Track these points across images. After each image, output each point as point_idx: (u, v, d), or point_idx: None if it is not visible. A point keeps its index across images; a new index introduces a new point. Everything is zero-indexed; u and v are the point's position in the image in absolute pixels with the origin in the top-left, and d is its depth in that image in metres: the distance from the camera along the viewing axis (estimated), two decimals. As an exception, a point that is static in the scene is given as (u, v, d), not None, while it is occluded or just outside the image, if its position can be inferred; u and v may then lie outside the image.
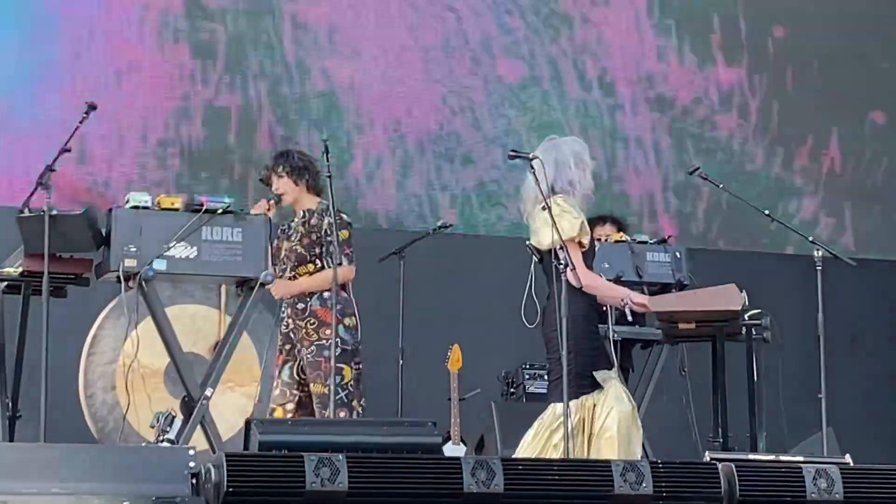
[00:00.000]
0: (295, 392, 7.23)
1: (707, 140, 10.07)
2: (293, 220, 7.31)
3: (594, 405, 6.25)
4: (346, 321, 7.10)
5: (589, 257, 6.48)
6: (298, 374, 7.24)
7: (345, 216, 7.25)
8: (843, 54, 10.43)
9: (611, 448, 6.11)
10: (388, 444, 5.21)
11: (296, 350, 7.24)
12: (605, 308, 7.15)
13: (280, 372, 7.26)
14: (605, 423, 6.18)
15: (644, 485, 5.21)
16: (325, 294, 7.09)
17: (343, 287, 7.08)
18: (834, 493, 5.40)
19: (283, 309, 7.24)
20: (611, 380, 6.31)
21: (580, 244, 6.38)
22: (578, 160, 6.42)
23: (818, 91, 10.39)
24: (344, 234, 7.12)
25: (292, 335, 7.24)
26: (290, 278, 7.21)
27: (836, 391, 7.54)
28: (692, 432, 7.85)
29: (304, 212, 7.25)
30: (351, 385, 7.06)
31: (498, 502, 5.07)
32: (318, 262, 7.19)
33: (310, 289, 7.19)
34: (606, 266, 7.72)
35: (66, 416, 7.26)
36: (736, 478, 5.36)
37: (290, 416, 7.11)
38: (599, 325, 6.73)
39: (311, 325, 7.16)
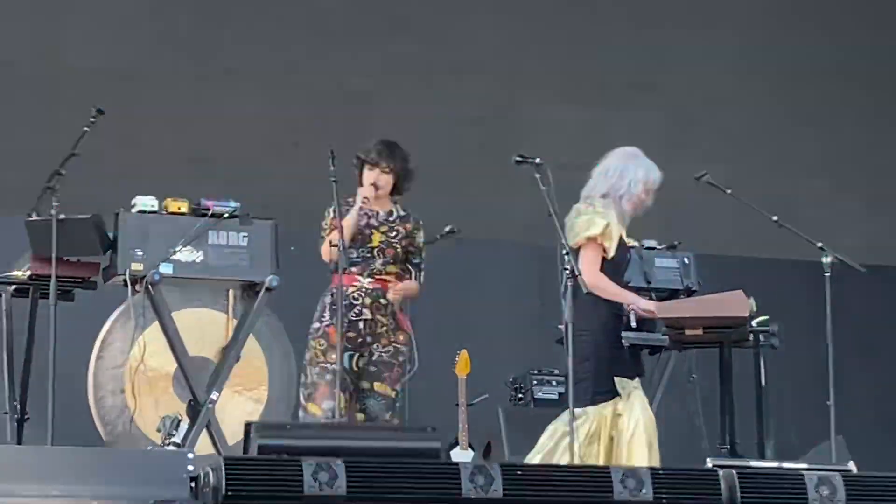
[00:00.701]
0: (353, 382, 6.92)
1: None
2: (377, 211, 7.02)
3: (618, 414, 6.27)
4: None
5: (620, 266, 6.49)
6: (356, 366, 6.92)
7: None
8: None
9: (641, 455, 6.14)
10: (387, 448, 5.21)
11: (361, 341, 6.92)
12: (629, 317, 7.16)
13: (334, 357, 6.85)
14: (634, 433, 6.21)
15: (644, 491, 5.20)
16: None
17: None
18: (836, 501, 5.38)
19: (352, 297, 6.90)
20: (633, 389, 6.33)
21: (603, 248, 6.41)
22: (635, 184, 6.47)
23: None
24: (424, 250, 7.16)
25: (365, 326, 6.92)
26: (376, 271, 6.96)
27: (846, 399, 7.50)
28: (701, 439, 7.82)
29: (394, 211, 7.06)
30: (401, 398, 6.99)
31: (497, 508, 5.07)
32: (406, 267, 7.09)
33: (410, 297, 7.14)
34: (614, 271, 7.70)
35: (74, 418, 7.29)
36: (737, 484, 5.34)
37: (346, 404, 6.80)
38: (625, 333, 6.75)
39: (390, 324, 6.94)
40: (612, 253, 6.48)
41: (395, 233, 7.00)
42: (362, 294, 6.90)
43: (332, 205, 6.93)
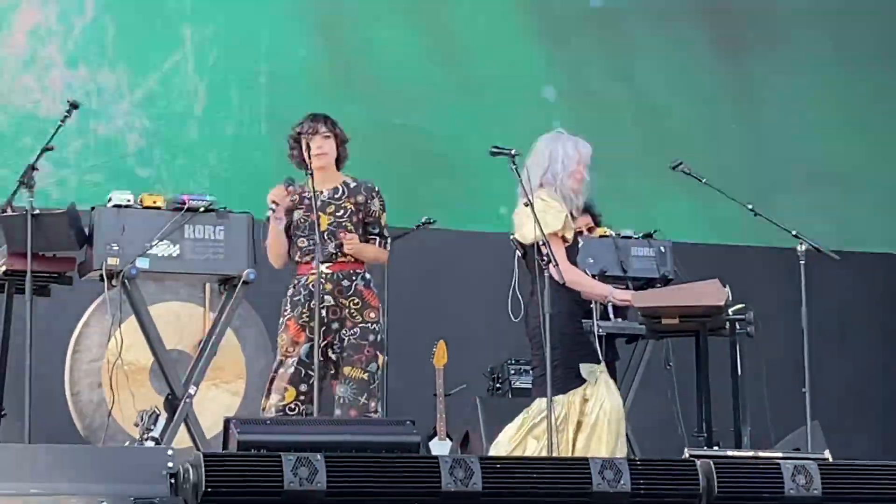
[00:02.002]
0: (311, 372, 6.71)
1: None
2: (319, 192, 6.86)
3: (585, 399, 6.27)
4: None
5: (572, 252, 6.51)
6: (323, 355, 6.74)
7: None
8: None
9: (600, 442, 6.14)
10: (367, 443, 5.22)
11: (326, 328, 6.78)
12: (591, 304, 7.17)
13: (295, 349, 6.82)
14: (598, 417, 6.21)
15: (622, 482, 5.22)
16: (368, 275, 6.90)
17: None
18: (812, 490, 5.41)
19: (311, 286, 6.77)
20: (599, 373, 6.33)
21: (563, 239, 6.41)
22: (568, 161, 6.44)
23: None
24: (385, 217, 6.98)
25: (329, 312, 6.79)
26: (332, 254, 6.82)
27: (822, 385, 7.56)
28: (678, 427, 7.86)
29: (340, 187, 6.90)
30: (378, 376, 6.83)
31: (476, 501, 5.08)
32: (367, 240, 6.92)
33: (372, 259, 6.95)
34: (590, 261, 7.72)
35: (51, 414, 7.29)
36: (714, 474, 5.36)
37: (302, 397, 6.73)
38: (584, 321, 6.75)
39: (354, 304, 6.80)
40: (570, 241, 6.49)
41: (342, 211, 6.85)
42: (322, 280, 6.75)
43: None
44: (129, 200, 6.77)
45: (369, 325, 6.81)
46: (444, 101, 9.72)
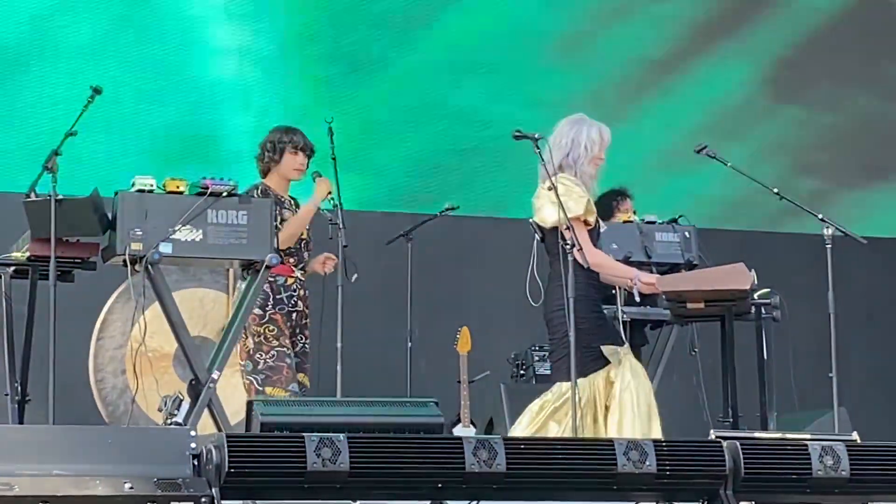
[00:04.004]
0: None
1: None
2: (289, 199, 7.34)
3: (611, 382, 6.24)
4: None
5: (594, 236, 6.48)
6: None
7: None
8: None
9: (633, 428, 6.12)
10: (390, 423, 5.20)
11: (292, 332, 7.21)
12: (614, 289, 7.14)
13: (287, 341, 7.16)
14: (625, 400, 6.18)
15: (648, 463, 5.18)
16: None
17: None
18: (840, 471, 5.37)
19: (291, 288, 7.22)
20: (623, 355, 6.30)
21: (586, 223, 6.38)
22: (591, 145, 6.42)
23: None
24: None
25: (298, 317, 7.23)
26: (305, 262, 7.29)
27: (848, 370, 7.51)
28: (703, 412, 7.82)
29: (291, 197, 7.35)
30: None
31: (500, 481, 5.05)
32: None
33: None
34: (615, 247, 7.68)
35: (75, 399, 7.30)
36: (741, 455, 5.32)
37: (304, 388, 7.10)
38: (608, 306, 6.72)
39: (308, 312, 7.24)
40: (592, 224, 6.46)
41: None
42: (298, 286, 7.18)
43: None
44: (151, 185, 6.75)
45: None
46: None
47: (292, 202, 7.35)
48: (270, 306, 7.16)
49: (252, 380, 7.11)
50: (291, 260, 7.22)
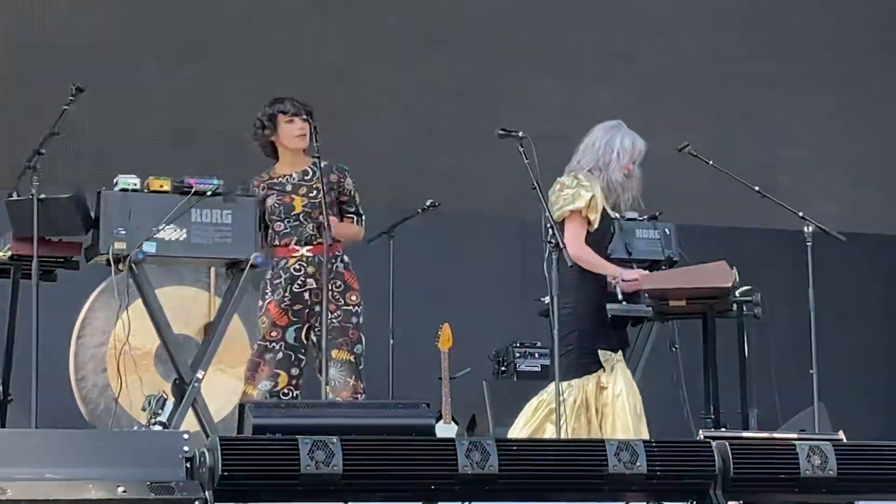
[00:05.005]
0: (302, 356, 6.88)
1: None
2: (289, 175, 6.94)
3: (602, 387, 6.31)
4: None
5: (601, 237, 6.52)
6: (305, 338, 6.89)
7: None
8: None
9: (625, 426, 6.16)
10: (383, 426, 5.20)
11: (307, 312, 6.87)
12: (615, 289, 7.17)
13: (283, 334, 6.87)
14: (618, 407, 6.23)
15: (638, 464, 5.20)
16: (346, 257, 6.94)
17: None
18: (828, 470, 5.39)
19: (293, 269, 6.86)
20: (616, 362, 6.36)
21: (588, 220, 6.44)
22: (623, 153, 6.49)
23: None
24: (358, 195, 7.02)
25: (311, 295, 6.86)
26: (311, 236, 6.87)
27: (827, 366, 7.54)
28: (684, 409, 7.86)
29: (310, 170, 6.90)
30: (363, 357, 6.89)
31: (493, 483, 5.06)
32: (343, 219, 6.97)
33: (352, 237, 7.00)
34: (595, 243, 7.70)
35: (57, 399, 7.25)
36: (730, 456, 5.35)
37: (293, 381, 6.83)
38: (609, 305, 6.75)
39: (336, 287, 6.83)
40: (596, 225, 6.50)
41: (315, 192, 6.87)
42: (304, 264, 6.86)
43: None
44: (135, 184, 6.73)
45: (351, 307, 6.87)
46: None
47: (309, 172, 6.89)
48: (269, 293, 6.88)
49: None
50: (285, 240, 6.87)
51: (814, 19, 10.41)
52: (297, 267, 6.89)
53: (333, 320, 6.80)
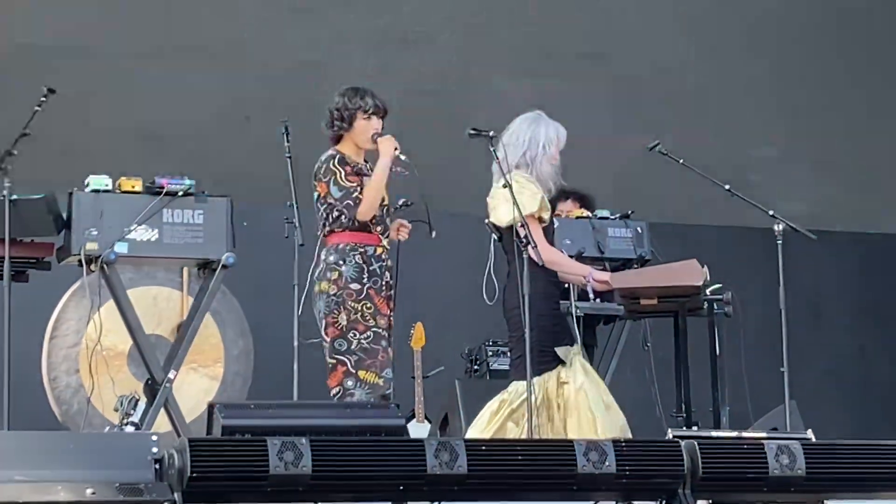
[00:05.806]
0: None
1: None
2: (364, 164, 6.74)
3: (562, 382, 6.29)
4: None
5: (549, 234, 6.51)
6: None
7: None
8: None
9: (590, 427, 6.16)
10: (352, 426, 5.21)
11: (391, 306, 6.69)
12: (567, 284, 7.18)
13: (389, 322, 6.69)
14: (578, 401, 6.22)
15: (607, 464, 5.21)
16: None
17: None
18: (796, 469, 5.42)
19: (384, 257, 6.71)
20: (573, 356, 6.34)
21: (540, 220, 6.41)
22: (548, 144, 6.43)
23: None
24: None
25: (387, 290, 6.70)
26: (387, 228, 6.77)
27: (799, 364, 7.58)
28: (656, 407, 7.88)
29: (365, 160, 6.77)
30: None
31: (462, 483, 5.07)
32: None
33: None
34: (568, 242, 7.74)
35: (30, 400, 7.25)
36: (699, 455, 5.37)
37: None
38: (561, 302, 6.76)
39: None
40: (547, 222, 6.49)
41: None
42: (386, 255, 6.70)
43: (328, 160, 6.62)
44: (107, 185, 6.74)
45: (381, 330, 6.67)
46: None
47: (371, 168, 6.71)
48: (366, 279, 6.58)
49: (345, 360, 6.49)
50: (379, 228, 6.68)
51: (782, 19, 10.45)
52: (385, 257, 6.70)
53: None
